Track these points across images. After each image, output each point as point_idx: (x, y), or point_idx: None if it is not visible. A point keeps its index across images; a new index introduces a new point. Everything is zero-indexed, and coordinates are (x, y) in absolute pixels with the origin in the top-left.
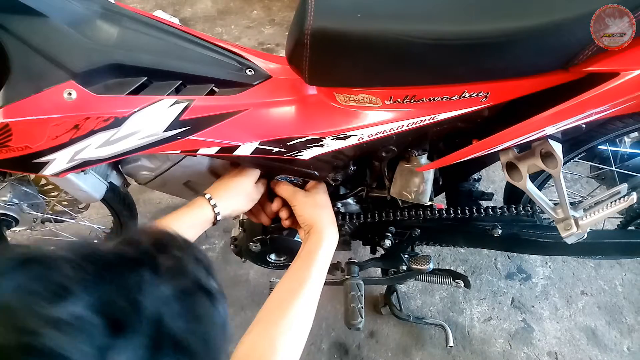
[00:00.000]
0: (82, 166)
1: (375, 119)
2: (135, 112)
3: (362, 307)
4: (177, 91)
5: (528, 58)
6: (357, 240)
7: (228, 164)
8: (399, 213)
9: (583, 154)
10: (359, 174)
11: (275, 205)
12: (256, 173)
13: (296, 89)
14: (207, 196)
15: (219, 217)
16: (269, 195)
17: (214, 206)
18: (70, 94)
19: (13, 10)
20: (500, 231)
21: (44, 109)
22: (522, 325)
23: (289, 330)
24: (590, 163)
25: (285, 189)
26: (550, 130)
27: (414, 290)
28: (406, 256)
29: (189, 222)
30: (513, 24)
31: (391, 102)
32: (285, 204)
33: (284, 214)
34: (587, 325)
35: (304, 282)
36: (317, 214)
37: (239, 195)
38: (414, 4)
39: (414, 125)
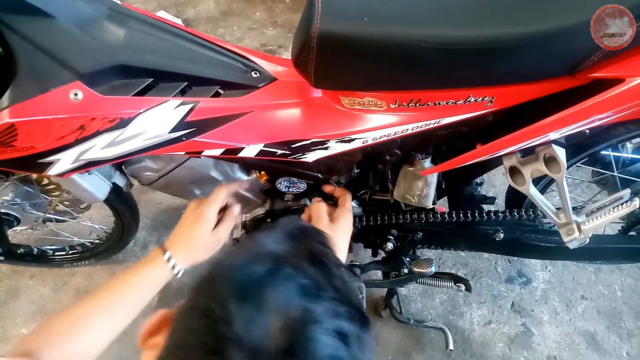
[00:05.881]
0: (87, 167)
1: (380, 122)
2: (141, 113)
3: (364, 310)
4: (183, 93)
5: (534, 63)
6: (358, 242)
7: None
8: (401, 216)
9: (585, 159)
10: (363, 177)
11: (304, 217)
12: (212, 220)
13: (301, 92)
14: (166, 257)
15: (179, 275)
16: None
17: (173, 267)
18: (76, 94)
19: (20, 10)
20: (502, 235)
21: (50, 109)
22: (521, 329)
23: None
24: (592, 168)
25: (315, 208)
26: (554, 135)
27: (414, 293)
28: (408, 259)
29: (146, 287)
30: (520, 29)
31: (396, 105)
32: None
33: None
34: (587, 329)
35: None
36: None
37: (199, 247)
38: (421, 9)
39: (418, 129)
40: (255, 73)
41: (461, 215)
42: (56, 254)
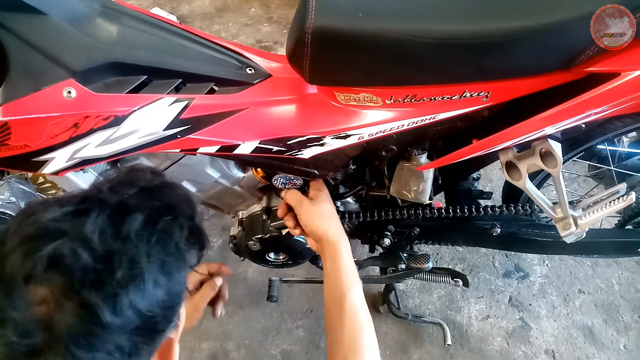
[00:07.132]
0: (82, 165)
1: (375, 118)
2: (135, 110)
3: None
4: (177, 90)
5: (529, 58)
6: (355, 239)
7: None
8: (398, 212)
9: (582, 153)
10: (359, 173)
11: (280, 212)
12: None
13: (296, 88)
14: None
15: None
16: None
17: None
18: (69, 92)
19: (12, 8)
20: (499, 230)
21: (43, 107)
22: (519, 323)
23: (362, 345)
24: (589, 162)
25: (292, 197)
26: (550, 130)
27: (412, 288)
28: (405, 255)
29: None
30: (515, 23)
31: (392, 101)
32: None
33: (290, 223)
34: (584, 323)
35: (345, 296)
36: (325, 225)
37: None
38: (415, 3)
39: (414, 125)
40: (249, 69)
41: (458, 210)
42: None
